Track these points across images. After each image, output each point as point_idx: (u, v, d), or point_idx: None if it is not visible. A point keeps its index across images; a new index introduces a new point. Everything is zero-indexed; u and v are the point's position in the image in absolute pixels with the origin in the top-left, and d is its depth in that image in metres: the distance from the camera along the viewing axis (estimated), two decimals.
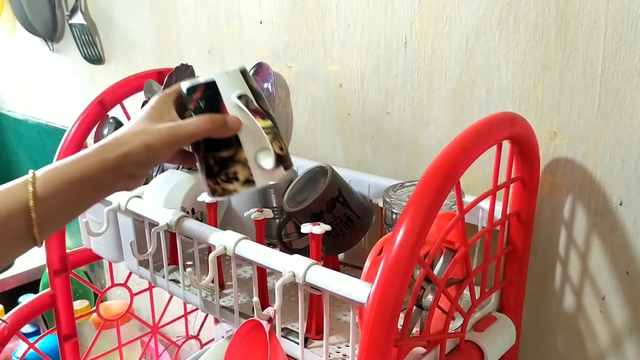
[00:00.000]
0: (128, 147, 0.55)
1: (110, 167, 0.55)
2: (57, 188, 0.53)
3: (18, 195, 0.52)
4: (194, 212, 0.80)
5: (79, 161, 0.55)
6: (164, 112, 0.58)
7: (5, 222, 0.51)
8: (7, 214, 0.51)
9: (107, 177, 0.55)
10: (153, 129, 0.56)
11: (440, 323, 0.58)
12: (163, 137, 0.56)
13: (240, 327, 0.61)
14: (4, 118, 1.87)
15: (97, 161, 0.55)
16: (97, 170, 0.54)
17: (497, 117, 0.60)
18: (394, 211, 0.67)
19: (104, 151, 0.55)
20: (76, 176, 0.54)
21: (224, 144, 0.59)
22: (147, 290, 1.11)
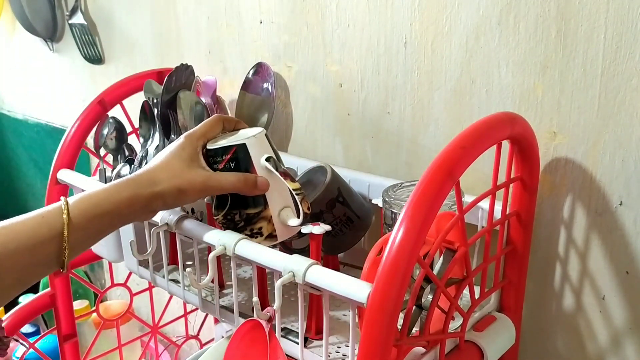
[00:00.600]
0: (161, 187, 0.59)
1: (140, 204, 0.58)
2: (89, 219, 0.56)
3: (52, 223, 0.54)
4: (193, 212, 0.80)
5: (113, 195, 0.57)
6: (194, 157, 0.62)
7: (39, 248, 0.53)
8: (41, 241, 0.53)
9: (136, 212, 0.59)
10: (188, 176, 0.60)
11: (439, 323, 0.58)
12: (197, 186, 0.60)
13: (239, 327, 0.61)
14: (4, 118, 1.87)
15: (129, 197, 0.58)
16: (128, 206, 0.58)
17: (497, 117, 0.60)
18: (393, 211, 0.67)
19: (138, 187, 0.58)
20: (108, 210, 0.57)
21: (252, 202, 0.64)
22: (147, 290, 1.11)
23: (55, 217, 0.54)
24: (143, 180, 0.59)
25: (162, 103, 0.88)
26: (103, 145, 0.96)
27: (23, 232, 0.53)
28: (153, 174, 0.60)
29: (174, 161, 0.61)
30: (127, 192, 0.58)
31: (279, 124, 0.98)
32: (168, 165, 0.61)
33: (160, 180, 0.59)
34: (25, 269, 0.53)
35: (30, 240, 0.53)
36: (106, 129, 0.96)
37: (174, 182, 0.59)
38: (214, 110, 0.94)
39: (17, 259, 0.52)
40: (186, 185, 0.60)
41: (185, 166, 0.61)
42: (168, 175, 0.60)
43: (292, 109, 0.96)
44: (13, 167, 1.92)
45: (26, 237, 0.52)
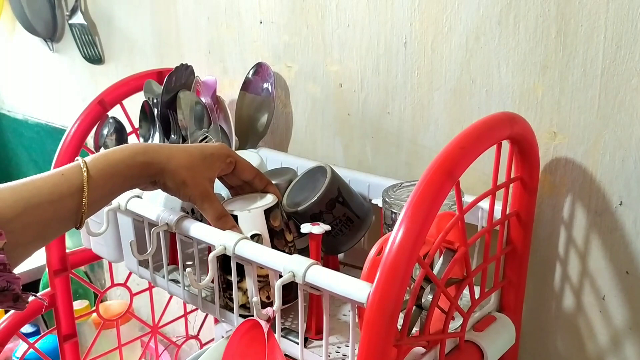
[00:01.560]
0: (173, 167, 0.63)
1: (150, 173, 0.62)
2: (106, 178, 0.59)
3: (72, 180, 0.57)
4: (193, 212, 0.80)
5: (127, 159, 0.61)
6: (212, 168, 0.66)
7: (59, 203, 0.55)
8: (61, 197, 0.56)
9: (142, 179, 0.63)
10: (197, 178, 0.64)
11: (439, 323, 0.58)
12: (195, 194, 0.65)
13: (238, 327, 0.61)
14: (4, 118, 1.87)
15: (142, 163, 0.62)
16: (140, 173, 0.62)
17: (497, 117, 0.60)
18: (393, 211, 0.67)
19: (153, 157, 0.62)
20: (123, 172, 0.60)
21: (233, 270, 0.65)
22: (147, 290, 1.11)
23: (75, 174, 0.57)
24: (162, 154, 0.63)
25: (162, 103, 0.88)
26: (103, 145, 0.96)
27: (44, 187, 0.55)
28: (174, 155, 0.63)
29: (197, 159, 0.65)
30: (143, 158, 0.62)
31: (279, 124, 0.98)
32: (190, 156, 0.64)
33: (176, 164, 0.63)
34: (45, 224, 0.55)
35: (52, 195, 0.55)
36: (106, 129, 0.96)
37: (185, 173, 0.63)
38: (214, 110, 0.94)
39: (39, 214, 0.54)
40: (190, 184, 0.64)
41: (202, 170, 0.65)
42: (184, 164, 0.63)
43: (292, 109, 0.96)
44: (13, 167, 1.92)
45: (48, 193, 0.55)
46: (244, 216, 0.67)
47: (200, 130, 0.90)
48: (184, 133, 0.88)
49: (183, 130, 0.88)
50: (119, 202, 0.77)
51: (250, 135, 0.97)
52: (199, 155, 0.65)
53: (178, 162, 0.63)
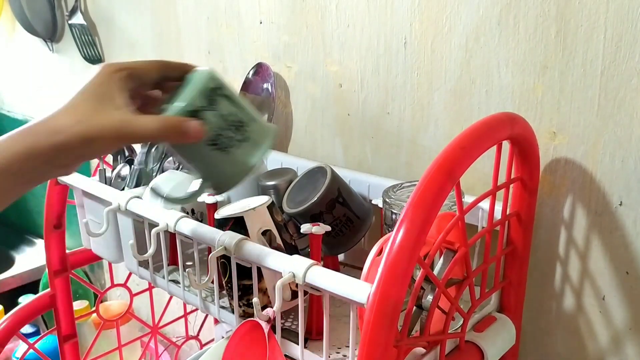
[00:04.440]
0: (63, 136, 0.47)
1: (42, 158, 0.47)
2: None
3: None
4: (193, 213, 0.80)
5: (3, 149, 0.46)
6: (111, 94, 0.49)
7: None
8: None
9: (39, 168, 0.47)
10: (96, 120, 0.47)
11: (440, 323, 0.58)
12: (107, 133, 0.48)
13: (238, 328, 0.61)
14: (4, 118, 1.87)
15: (25, 151, 0.46)
16: (25, 162, 0.46)
17: (497, 117, 0.60)
18: (393, 211, 0.67)
19: (34, 137, 0.47)
20: (9, 171, 0.46)
21: (249, 273, 0.64)
22: (147, 290, 1.11)
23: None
24: (40, 128, 0.47)
25: None
26: None
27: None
28: (54, 120, 0.47)
29: (80, 101, 0.48)
30: (22, 144, 0.46)
31: (279, 124, 0.98)
32: (72, 108, 0.48)
33: (62, 128, 0.47)
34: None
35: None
36: None
37: (78, 129, 0.47)
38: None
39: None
40: (94, 133, 0.47)
41: (95, 107, 0.48)
42: (71, 120, 0.47)
43: (292, 109, 0.96)
44: None
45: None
46: (251, 215, 0.67)
47: None
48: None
49: None
50: (119, 203, 0.77)
51: None
52: (84, 98, 0.49)
53: (63, 127, 0.47)
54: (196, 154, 0.54)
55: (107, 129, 0.47)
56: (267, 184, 0.77)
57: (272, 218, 0.68)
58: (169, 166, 0.90)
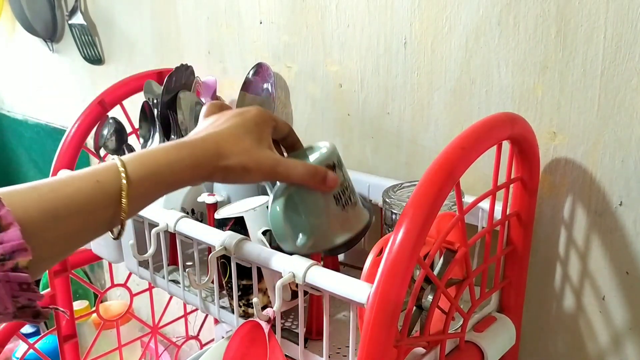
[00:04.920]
0: (227, 162, 0.54)
1: (201, 175, 0.54)
2: (147, 187, 0.51)
3: (108, 190, 0.48)
4: (193, 213, 0.80)
5: (174, 163, 0.52)
6: (264, 136, 0.57)
7: (92, 215, 0.48)
8: (95, 207, 0.48)
9: (193, 181, 0.54)
10: (256, 155, 0.55)
11: (440, 323, 0.58)
12: (264, 169, 0.55)
13: (239, 328, 0.61)
14: (4, 118, 1.87)
15: (192, 166, 0.53)
16: (190, 176, 0.53)
17: (497, 117, 0.60)
18: (393, 212, 0.67)
19: (203, 157, 0.53)
20: (169, 180, 0.52)
21: (248, 273, 0.64)
22: (147, 290, 1.11)
23: (112, 182, 0.48)
24: (210, 150, 0.54)
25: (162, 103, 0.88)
26: (103, 145, 0.96)
27: (76, 197, 0.47)
28: (222, 146, 0.54)
29: (245, 136, 0.55)
30: (190, 160, 0.52)
31: None
32: (239, 140, 0.55)
33: (228, 154, 0.54)
34: (73, 236, 0.48)
35: (83, 206, 0.47)
36: (106, 130, 0.96)
37: (241, 159, 0.54)
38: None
39: (67, 226, 0.46)
40: (253, 165, 0.55)
41: (255, 144, 0.56)
42: (237, 150, 0.54)
43: (292, 109, 0.96)
44: (13, 168, 1.92)
45: (79, 204, 0.47)
46: (251, 215, 0.67)
47: None
48: (184, 133, 0.88)
49: (183, 130, 0.88)
50: None
51: None
52: (247, 132, 0.56)
53: (229, 151, 0.54)
54: (318, 204, 0.59)
55: (264, 164, 0.55)
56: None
57: None
58: None
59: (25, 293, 0.43)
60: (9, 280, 0.42)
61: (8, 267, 0.41)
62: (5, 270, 0.41)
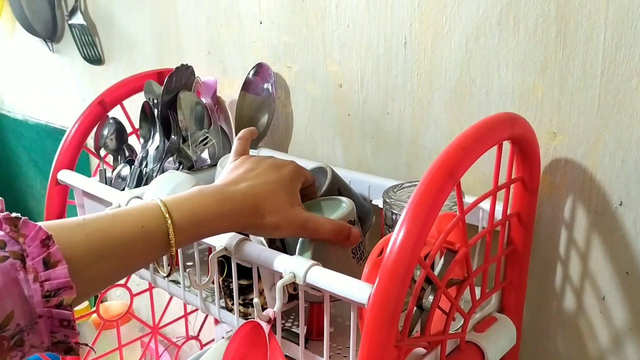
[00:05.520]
0: (262, 221, 0.58)
1: (236, 229, 0.58)
2: (188, 240, 0.55)
3: (153, 239, 0.52)
4: None
5: (214, 222, 0.55)
6: (296, 192, 0.62)
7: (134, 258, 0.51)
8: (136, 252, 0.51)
9: (229, 232, 0.60)
10: (289, 214, 0.59)
11: (440, 324, 0.58)
12: (294, 226, 0.59)
13: (239, 328, 0.61)
14: (4, 118, 1.87)
15: (229, 226, 0.57)
16: (226, 229, 0.57)
17: (497, 117, 0.60)
18: (394, 212, 0.67)
19: (241, 216, 0.57)
20: (207, 232, 0.56)
21: (246, 274, 0.65)
22: (147, 290, 1.11)
23: (157, 233, 0.52)
24: (248, 207, 0.57)
25: (163, 103, 0.88)
26: (103, 145, 0.96)
27: (120, 239, 0.50)
28: (260, 204, 0.58)
29: (280, 194, 0.59)
30: (230, 218, 0.56)
31: (279, 124, 0.98)
32: (275, 197, 0.59)
33: (264, 213, 0.58)
34: (113, 275, 0.51)
35: (127, 250, 0.50)
36: (106, 130, 0.96)
37: (275, 218, 0.58)
38: (214, 110, 0.94)
39: (110, 267, 0.49)
40: (284, 224, 0.59)
41: (288, 202, 0.60)
42: (272, 209, 0.58)
43: (292, 109, 0.96)
44: (13, 168, 1.92)
45: (122, 246, 0.50)
46: None
47: (200, 130, 0.90)
48: (185, 134, 0.88)
49: (183, 130, 0.88)
50: (119, 203, 0.77)
51: None
52: (282, 190, 0.60)
53: (266, 209, 0.58)
54: (339, 258, 0.62)
55: (295, 222, 0.59)
56: None
57: None
58: (169, 166, 0.90)
59: (64, 329, 0.45)
60: (52, 317, 0.44)
61: (52, 303, 0.43)
62: (50, 307, 0.43)
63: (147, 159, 0.90)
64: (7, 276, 0.41)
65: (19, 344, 0.43)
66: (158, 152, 0.89)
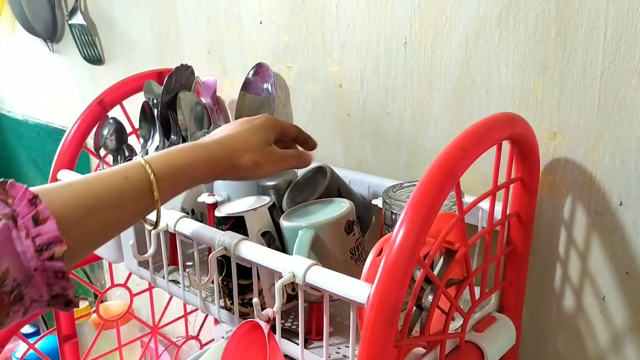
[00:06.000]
0: (240, 159, 0.61)
1: (216, 172, 0.61)
2: (172, 184, 0.57)
3: (136, 185, 0.54)
4: (194, 213, 0.80)
5: (193, 162, 0.59)
6: (269, 138, 0.65)
7: (123, 208, 0.54)
8: (124, 201, 0.54)
9: (208, 177, 0.61)
10: (265, 151, 0.63)
11: (440, 323, 0.58)
12: (274, 160, 0.64)
13: (238, 328, 0.61)
14: (4, 118, 1.87)
15: (208, 164, 0.60)
16: (207, 172, 0.60)
17: (497, 117, 0.60)
18: (393, 212, 0.67)
19: (218, 153, 0.60)
20: (188, 179, 0.59)
21: (246, 273, 0.66)
22: (147, 290, 1.11)
23: (139, 179, 0.55)
24: (224, 150, 0.61)
25: (162, 103, 0.88)
26: (103, 145, 0.96)
27: (107, 192, 0.53)
28: (234, 146, 0.62)
29: (252, 137, 0.63)
30: (207, 160, 0.59)
31: None
32: (247, 139, 0.63)
33: (240, 153, 0.61)
34: (105, 229, 0.53)
35: (114, 201, 0.53)
36: (106, 130, 0.96)
37: (253, 156, 0.62)
38: (214, 110, 0.94)
39: (100, 219, 0.52)
40: (263, 159, 0.63)
41: (262, 142, 0.64)
42: (248, 148, 0.62)
43: (292, 109, 0.96)
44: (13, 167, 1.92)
45: (110, 198, 0.53)
46: (251, 215, 0.67)
47: (200, 130, 0.90)
48: (184, 134, 0.88)
49: (183, 130, 0.88)
50: None
51: None
52: (254, 135, 0.64)
53: (240, 149, 0.62)
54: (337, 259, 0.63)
55: (274, 157, 0.64)
56: (267, 184, 0.77)
57: (272, 220, 0.68)
58: None
59: (59, 281, 0.47)
60: (45, 269, 0.46)
61: (45, 256, 0.46)
62: (43, 260, 0.46)
63: None
64: (1, 235, 0.44)
65: (19, 299, 0.46)
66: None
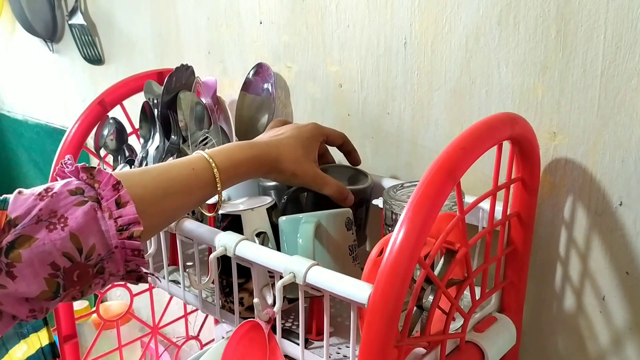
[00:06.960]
0: (282, 166, 0.68)
1: (262, 172, 0.68)
2: (230, 176, 0.64)
3: (202, 176, 0.62)
4: (194, 213, 0.80)
5: (248, 160, 0.66)
6: (312, 149, 0.73)
7: (190, 195, 0.61)
8: (192, 189, 0.61)
9: (257, 175, 0.70)
10: (304, 166, 0.70)
11: (440, 324, 0.58)
12: (307, 177, 0.70)
13: (238, 328, 0.61)
14: (4, 118, 1.87)
15: (257, 164, 0.67)
16: (255, 172, 0.68)
17: (497, 117, 0.60)
18: (394, 212, 0.67)
19: (267, 156, 0.68)
20: (242, 173, 0.66)
21: (238, 272, 0.66)
22: (147, 290, 1.11)
23: (204, 171, 0.62)
24: (272, 153, 0.68)
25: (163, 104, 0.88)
26: (103, 145, 0.96)
27: (178, 179, 0.60)
28: (280, 152, 0.69)
29: (298, 148, 0.70)
30: (258, 159, 0.67)
31: None
32: (293, 150, 0.70)
33: (283, 160, 0.68)
34: (175, 212, 0.60)
35: (184, 187, 0.60)
36: (106, 130, 0.96)
37: (292, 167, 0.69)
38: (214, 110, 0.94)
39: (172, 202, 0.59)
40: (300, 173, 0.69)
41: (304, 155, 0.70)
42: (291, 158, 0.69)
43: (292, 109, 0.96)
44: (13, 168, 1.92)
45: (181, 185, 0.60)
46: (248, 215, 0.67)
47: (200, 130, 0.90)
48: (184, 134, 0.88)
49: (183, 130, 0.88)
50: None
51: (250, 135, 0.97)
52: (300, 145, 0.71)
53: (285, 157, 0.69)
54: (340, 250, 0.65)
55: (308, 174, 0.70)
56: (267, 184, 0.77)
57: (270, 221, 0.68)
58: None
59: (135, 259, 0.53)
60: (125, 247, 0.52)
61: (124, 236, 0.52)
62: (122, 239, 0.52)
63: (147, 159, 0.90)
64: (88, 215, 0.51)
65: (100, 272, 0.52)
66: (158, 152, 0.89)
